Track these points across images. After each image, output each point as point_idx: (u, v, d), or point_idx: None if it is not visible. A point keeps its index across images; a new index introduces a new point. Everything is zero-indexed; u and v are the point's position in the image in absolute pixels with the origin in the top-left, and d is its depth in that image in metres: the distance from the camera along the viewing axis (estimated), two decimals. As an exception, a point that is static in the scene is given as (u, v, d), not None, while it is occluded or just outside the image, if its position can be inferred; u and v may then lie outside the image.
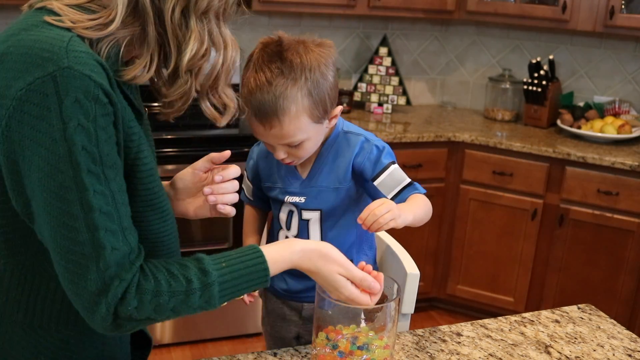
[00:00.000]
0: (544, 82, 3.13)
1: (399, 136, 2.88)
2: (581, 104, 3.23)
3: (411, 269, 1.40)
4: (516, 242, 2.98)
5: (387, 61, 3.27)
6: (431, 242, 3.09)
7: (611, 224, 2.76)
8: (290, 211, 1.41)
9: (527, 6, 3.01)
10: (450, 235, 3.11)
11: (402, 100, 3.30)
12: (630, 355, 1.29)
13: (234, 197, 1.21)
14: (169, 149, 2.50)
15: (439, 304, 3.29)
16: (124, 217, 0.92)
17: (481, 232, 3.03)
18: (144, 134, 1.04)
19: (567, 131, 3.05)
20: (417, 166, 2.95)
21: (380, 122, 3.15)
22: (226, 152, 1.19)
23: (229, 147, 2.47)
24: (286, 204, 1.41)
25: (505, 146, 2.88)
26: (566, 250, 2.87)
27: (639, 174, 2.67)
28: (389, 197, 1.33)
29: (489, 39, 3.49)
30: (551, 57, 3.20)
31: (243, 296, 1.33)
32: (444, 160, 3.02)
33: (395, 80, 3.28)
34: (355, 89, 3.33)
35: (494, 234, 3.02)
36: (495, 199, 2.97)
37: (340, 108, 1.33)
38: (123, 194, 0.93)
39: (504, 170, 2.92)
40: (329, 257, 1.08)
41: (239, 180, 1.22)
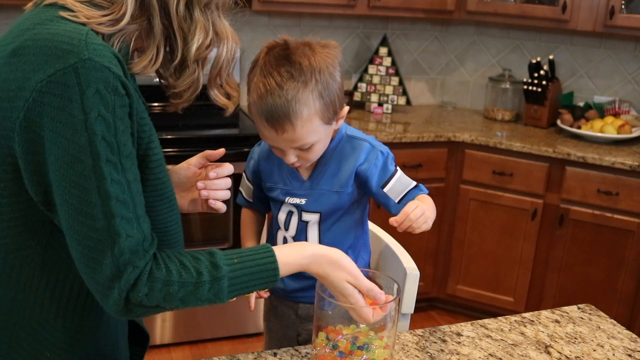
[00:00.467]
0: (544, 82, 3.13)
1: (399, 136, 2.88)
2: (581, 104, 3.23)
3: (411, 269, 1.40)
4: (516, 242, 2.98)
5: (387, 61, 3.27)
6: (431, 242, 3.10)
7: (611, 224, 2.76)
8: (289, 212, 1.41)
9: (527, 6, 3.01)
10: (450, 235, 3.11)
11: (402, 100, 3.30)
12: (630, 355, 1.29)
13: (226, 194, 1.26)
14: (169, 149, 2.50)
15: (439, 304, 3.29)
16: (138, 205, 0.95)
17: (481, 232, 3.03)
18: None
19: (567, 131, 3.06)
20: (417, 166, 2.95)
21: (380, 122, 3.15)
22: (221, 150, 1.25)
23: (229, 147, 2.47)
24: (286, 204, 1.40)
25: (505, 146, 2.88)
26: (566, 250, 2.87)
27: (639, 174, 2.67)
28: (396, 200, 1.35)
29: (489, 39, 3.49)
30: (551, 57, 3.20)
31: (251, 299, 1.36)
32: (444, 160, 3.02)
33: (395, 80, 3.28)
34: (355, 89, 3.33)
35: (494, 234, 3.02)
36: (495, 199, 2.97)
37: (347, 108, 1.33)
38: (137, 184, 0.96)
39: (504, 170, 2.92)
40: (338, 264, 1.09)
41: (233, 179, 1.24)
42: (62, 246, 0.97)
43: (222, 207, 1.26)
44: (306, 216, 1.39)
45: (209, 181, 1.23)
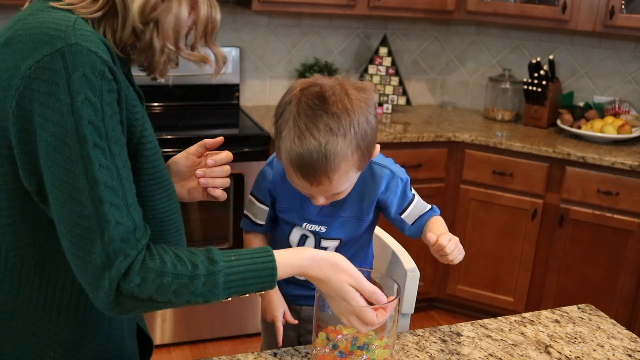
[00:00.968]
0: (544, 82, 3.13)
1: (399, 136, 2.88)
2: (581, 104, 3.23)
3: (411, 269, 1.40)
4: (516, 242, 2.98)
5: (387, 61, 3.27)
6: (431, 242, 3.09)
7: (611, 224, 2.76)
8: (303, 235, 1.38)
9: (527, 6, 3.01)
10: (450, 235, 3.10)
11: (402, 100, 3.30)
12: (630, 355, 1.29)
13: (225, 182, 1.26)
14: (169, 149, 2.49)
15: (439, 304, 3.29)
16: (128, 193, 0.94)
17: (481, 232, 3.03)
18: None
19: (567, 131, 3.05)
20: (417, 166, 2.95)
21: (380, 122, 3.15)
22: (219, 138, 1.25)
23: (229, 147, 2.46)
24: (301, 228, 1.38)
25: (505, 146, 2.88)
26: (566, 250, 2.87)
27: (639, 174, 2.67)
28: (410, 223, 1.37)
29: (489, 39, 3.49)
30: (551, 57, 3.20)
31: (278, 335, 1.37)
32: (444, 160, 3.02)
33: (395, 80, 3.28)
34: (355, 89, 3.33)
35: (494, 234, 3.02)
36: (495, 199, 2.97)
37: (379, 147, 1.28)
38: (128, 171, 0.95)
39: (504, 170, 2.92)
40: (339, 266, 1.08)
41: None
42: (61, 243, 0.97)
43: (222, 195, 1.26)
44: (325, 243, 1.38)
45: (208, 169, 1.24)
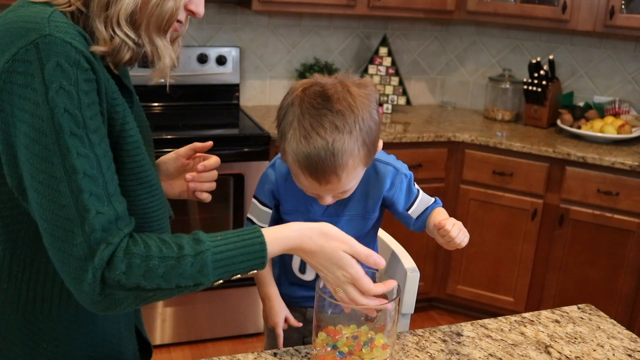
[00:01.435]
0: (544, 82, 3.13)
1: (399, 136, 2.88)
2: (581, 104, 3.23)
3: (411, 269, 1.40)
4: (516, 242, 2.98)
5: (387, 61, 3.27)
6: (431, 242, 3.09)
7: (611, 224, 2.76)
8: None
9: (527, 6, 3.01)
10: (450, 235, 3.10)
11: (402, 100, 3.30)
12: (630, 355, 1.29)
13: (212, 186, 1.31)
14: (169, 149, 2.49)
15: (439, 304, 3.29)
16: (109, 182, 0.92)
17: (481, 232, 3.03)
18: (137, 115, 1.07)
19: (567, 131, 3.06)
20: (417, 166, 2.95)
21: (380, 121, 3.15)
22: (209, 143, 1.29)
23: (229, 147, 2.46)
24: None
25: (505, 146, 2.88)
26: (566, 250, 2.87)
27: (639, 174, 2.67)
28: (414, 217, 1.38)
29: (489, 39, 3.49)
30: (551, 57, 3.20)
31: (279, 338, 1.37)
32: (444, 160, 3.02)
33: (395, 80, 3.28)
34: (355, 89, 3.33)
35: (494, 234, 3.02)
36: (495, 199, 2.97)
37: (382, 143, 1.29)
38: (109, 160, 0.93)
39: (504, 170, 2.92)
40: (330, 234, 1.05)
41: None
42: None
43: (208, 197, 1.31)
44: None
45: (197, 174, 1.29)
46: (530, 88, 3.15)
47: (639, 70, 3.19)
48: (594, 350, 1.30)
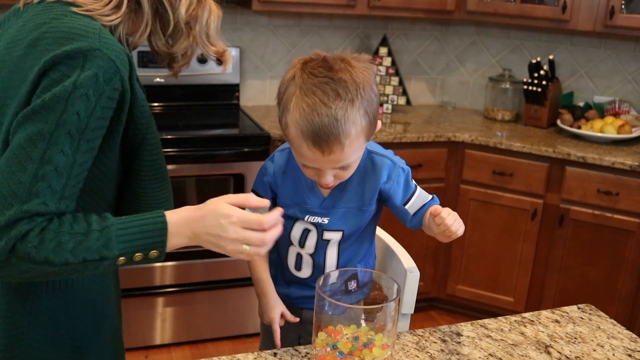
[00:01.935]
0: (544, 82, 3.13)
1: (399, 136, 2.88)
2: (581, 104, 3.23)
3: (411, 269, 1.40)
4: (516, 242, 2.98)
5: (387, 61, 3.27)
6: (431, 242, 3.09)
7: (611, 224, 2.76)
8: (305, 229, 1.37)
9: (527, 6, 3.01)
10: (450, 235, 3.10)
11: (402, 100, 3.30)
12: (630, 355, 1.29)
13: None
14: (169, 149, 2.50)
15: (439, 304, 3.29)
16: (70, 186, 0.98)
17: (481, 232, 3.03)
18: None
19: (567, 131, 3.06)
20: (417, 166, 2.95)
21: (380, 121, 3.15)
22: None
23: (229, 147, 2.45)
24: (302, 222, 1.36)
25: (505, 146, 2.88)
26: (566, 250, 2.87)
27: (639, 174, 2.67)
28: (412, 213, 1.36)
29: (489, 39, 3.49)
30: (551, 57, 3.20)
31: (276, 336, 1.39)
32: (444, 160, 3.02)
33: (395, 80, 3.28)
34: (355, 89, 3.33)
35: (494, 234, 3.02)
36: (495, 199, 2.97)
37: (380, 123, 1.28)
38: (82, 169, 0.99)
39: (504, 170, 2.92)
40: (208, 202, 1.06)
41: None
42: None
43: None
44: (328, 235, 1.36)
45: None
46: (530, 88, 3.15)
47: (639, 70, 3.19)
48: (594, 350, 1.30)
